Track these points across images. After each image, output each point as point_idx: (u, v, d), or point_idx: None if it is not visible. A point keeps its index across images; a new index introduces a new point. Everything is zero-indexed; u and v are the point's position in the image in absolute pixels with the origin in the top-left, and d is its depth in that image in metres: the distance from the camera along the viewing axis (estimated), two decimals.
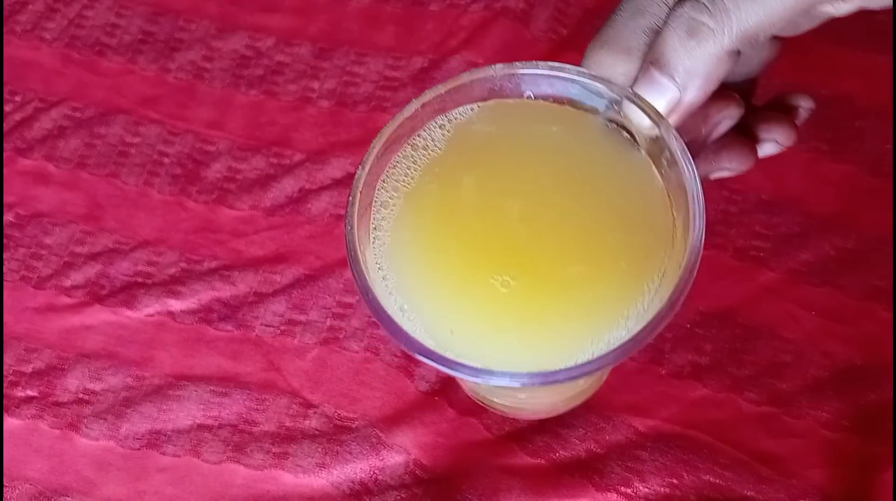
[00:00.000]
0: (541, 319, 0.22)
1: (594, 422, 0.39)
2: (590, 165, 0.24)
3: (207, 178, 0.46)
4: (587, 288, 0.22)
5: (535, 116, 0.24)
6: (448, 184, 0.24)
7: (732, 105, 0.25)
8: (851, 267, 0.41)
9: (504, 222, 0.23)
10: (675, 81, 0.22)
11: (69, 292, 0.43)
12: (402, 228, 0.24)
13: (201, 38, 0.49)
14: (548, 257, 0.22)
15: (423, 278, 0.23)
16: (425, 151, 0.25)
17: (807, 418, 0.38)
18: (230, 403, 0.40)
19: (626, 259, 0.22)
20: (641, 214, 0.23)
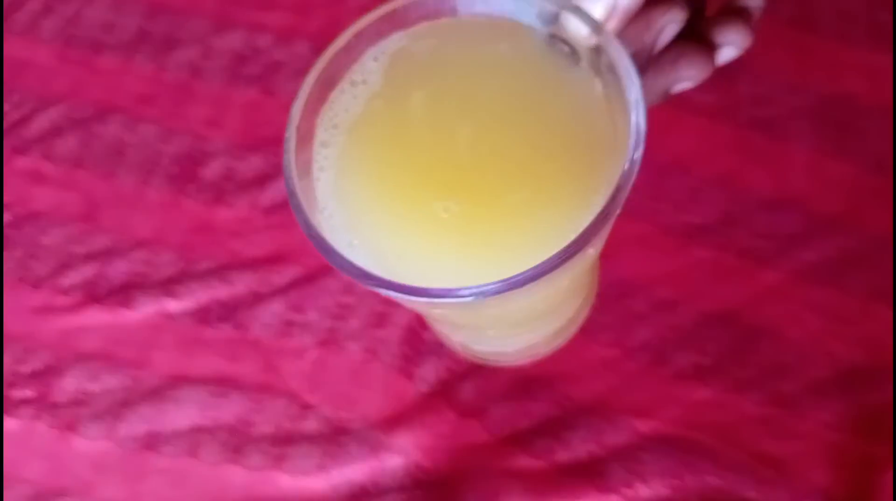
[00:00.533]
0: (483, 243, 0.22)
1: (595, 424, 0.38)
2: (531, 83, 0.23)
3: (205, 177, 0.45)
4: (530, 213, 0.22)
5: (472, 35, 0.24)
6: (388, 114, 0.24)
7: (674, 8, 0.24)
8: (854, 267, 0.40)
9: (446, 148, 0.23)
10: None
11: (66, 293, 0.43)
12: (346, 164, 0.23)
13: (198, 36, 0.49)
14: (490, 183, 0.22)
15: (368, 209, 0.23)
16: (364, 85, 0.24)
17: (810, 419, 0.38)
18: (228, 404, 0.40)
19: (569, 179, 0.22)
20: (585, 130, 0.22)
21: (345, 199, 0.23)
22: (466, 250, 0.22)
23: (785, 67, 0.45)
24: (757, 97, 0.44)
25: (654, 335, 0.40)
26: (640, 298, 0.41)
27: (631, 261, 0.41)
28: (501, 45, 0.24)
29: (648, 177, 0.43)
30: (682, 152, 0.43)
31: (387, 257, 0.22)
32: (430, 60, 0.24)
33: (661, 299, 0.41)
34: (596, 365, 0.40)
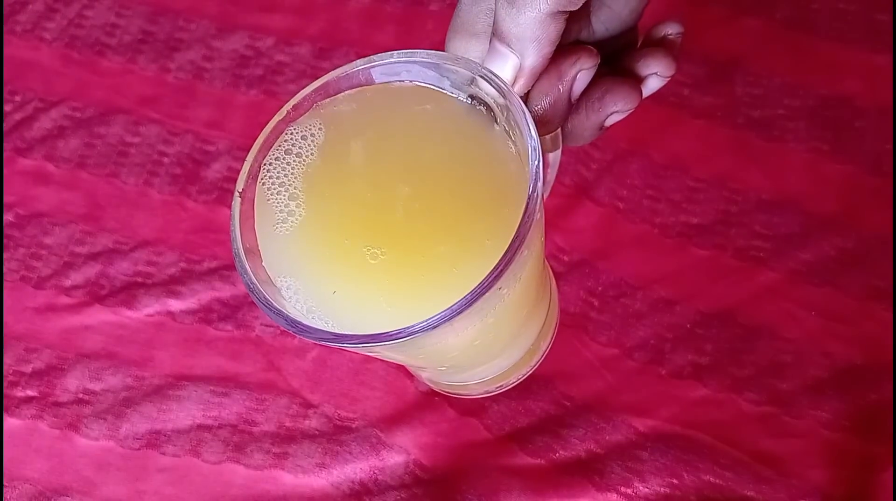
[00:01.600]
0: (409, 289, 0.24)
1: (594, 422, 0.39)
2: (454, 141, 0.25)
3: (207, 178, 0.46)
4: (452, 262, 0.24)
5: (399, 99, 0.26)
6: (325, 170, 0.26)
7: (583, 56, 0.25)
8: (852, 267, 0.40)
9: (377, 201, 0.25)
10: (511, 48, 0.24)
11: (69, 292, 0.43)
12: (285, 219, 0.26)
13: (201, 37, 0.49)
14: (416, 233, 0.24)
15: (304, 256, 0.25)
16: (304, 142, 0.27)
17: (807, 418, 0.38)
18: (230, 403, 0.40)
19: (488, 231, 0.24)
20: (503, 184, 0.24)
21: (284, 250, 0.25)
22: (395, 294, 0.24)
23: (782, 67, 0.45)
24: (755, 98, 0.44)
25: (653, 334, 0.40)
26: (638, 297, 0.41)
27: (629, 261, 0.41)
28: (427, 106, 0.26)
29: (647, 177, 0.43)
30: (680, 153, 0.44)
31: (324, 301, 0.24)
32: (362, 122, 0.26)
33: (660, 298, 0.41)
34: (595, 364, 0.40)
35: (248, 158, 0.26)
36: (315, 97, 0.27)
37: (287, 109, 0.27)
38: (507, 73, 0.25)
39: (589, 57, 0.25)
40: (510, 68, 0.25)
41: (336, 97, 0.27)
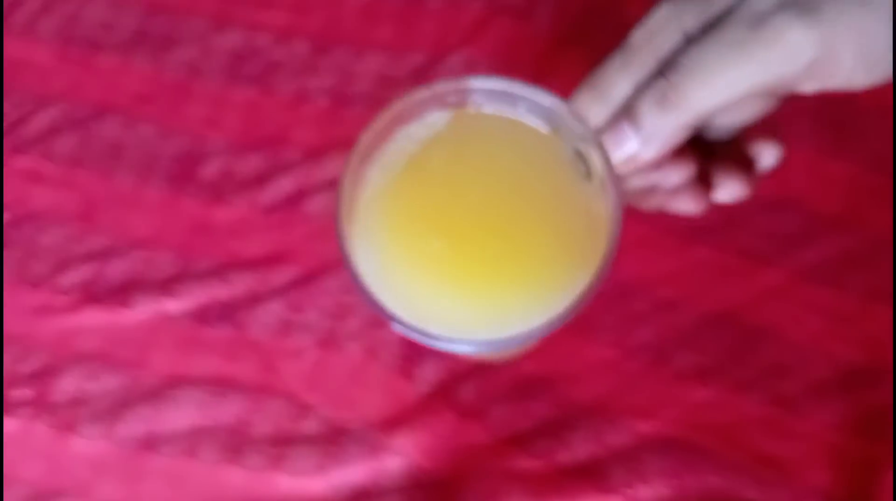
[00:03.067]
0: (488, 298, 0.27)
1: (596, 424, 0.38)
2: (547, 180, 0.28)
3: (203, 177, 0.45)
4: (520, 278, 0.27)
5: (512, 130, 0.29)
6: (420, 185, 0.28)
7: (685, 164, 0.28)
8: (855, 267, 0.40)
9: (462, 211, 0.28)
10: (638, 137, 0.27)
11: (65, 292, 0.43)
12: (377, 223, 0.28)
13: (197, 35, 0.49)
14: (499, 253, 0.27)
15: (390, 254, 0.28)
16: (410, 143, 0.29)
17: (810, 420, 0.38)
18: (227, 404, 0.40)
19: (556, 262, 0.27)
20: (577, 226, 0.27)
21: (378, 250, 0.28)
22: (475, 301, 0.27)
23: None
24: None
25: (655, 335, 0.40)
26: (640, 298, 0.41)
27: (631, 261, 0.41)
28: (535, 144, 0.28)
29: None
30: None
31: (399, 289, 0.27)
32: (470, 142, 0.29)
33: (662, 299, 0.41)
34: (596, 366, 0.40)
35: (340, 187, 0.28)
36: (426, 106, 0.29)
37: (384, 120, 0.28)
38: (622, 152, 0.27)
39: (688, 166, 0.28)
40: (627, 151, 0.27)
41: (436, 114, 0.29)
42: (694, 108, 0.26)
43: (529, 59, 0.46)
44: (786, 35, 0.25)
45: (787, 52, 0.25)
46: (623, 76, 0.27)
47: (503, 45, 0.47)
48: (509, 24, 0.47)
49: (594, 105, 0.28)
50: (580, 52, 0.46)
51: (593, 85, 0.28)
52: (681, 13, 0.27)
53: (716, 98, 0.26)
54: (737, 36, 0.25)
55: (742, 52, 0.25)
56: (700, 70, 0.25)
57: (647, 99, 0.26)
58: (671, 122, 0.26)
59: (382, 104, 0.46)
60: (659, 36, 0.27)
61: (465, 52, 0.47)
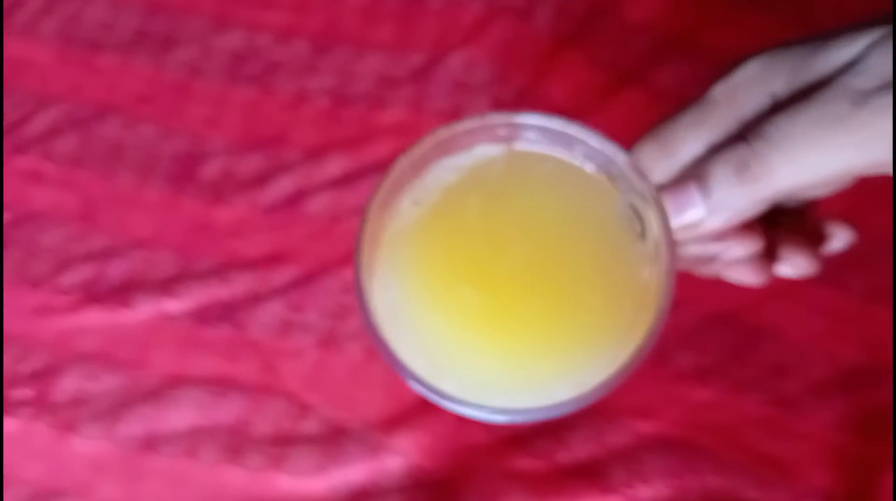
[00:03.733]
0: (519, 361, 0.24)
1: (596, 424, 0.38)
2: (598, 235, 0.25)
3: (204, 177, 0.45)
4: (554, 340, 0.24)
5: (562, 176, 0.26)
6: (455, 224, 0.26)
7: (752, 239, 0.26)
8: (856, 268, 0.40)
9: (500, 260, 0.25)
10: (706, 204, 0.24)
11: (65, 292, 0.43)
12: (404, 258, 0.25)
13: (197, 35, 0.49)
14: (536, 312, 0.25)
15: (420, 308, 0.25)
16: (450, 175, 0.26)
17: (811, 420, 0.38)
18: (227, 404, 0.40)
19: (598, 329, 0.25)
20: (624, 289, 0.25)
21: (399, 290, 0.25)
22: (490, 352, 0.24)
23: None
24: None
25: None
26: None
27: None
28: (588, 194, 0.26)
29: None
30: None
31: (425, 343, 0.24)
32: (516, 182, 0.26)
33: None
34: None
35: (364, 222, 0.25)
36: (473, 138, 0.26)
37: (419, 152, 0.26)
38: (684, 218, 0.24)
39: (755, 242, 0.26)
40: (690, 217, 0.24)
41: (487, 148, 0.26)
42: (776, 183, 0.23)
43: (530, 59, 0.46)
44: (888, 119, 0.22)
45: (887, 137, 0.22)
46: (697, 133, 0.25)
47: (503, 46, 0.47)
48: (509, 25, 0.47)
49: (659, 160, 0.25)
50: (580, 52, 0.46)
51: (660, 138, 0.25)
52: (772, 73, 0.24)
53: (802, 176, 0.23)
54: (835, 112, 0.22)
55: (840, 130, 0.22)
56: (790, 143, 0.23)
57: (723, 164, 0.23)
58: (747, 194, 0.23)
59: (382, 104, 0.46)
60: (743, 94, 0.24)
61: (466, 52, 0.47)
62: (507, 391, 0.24)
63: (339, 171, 0.45)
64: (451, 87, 0.46)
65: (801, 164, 0.23)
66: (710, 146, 0.24)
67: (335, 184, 0.45)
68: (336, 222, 0.44)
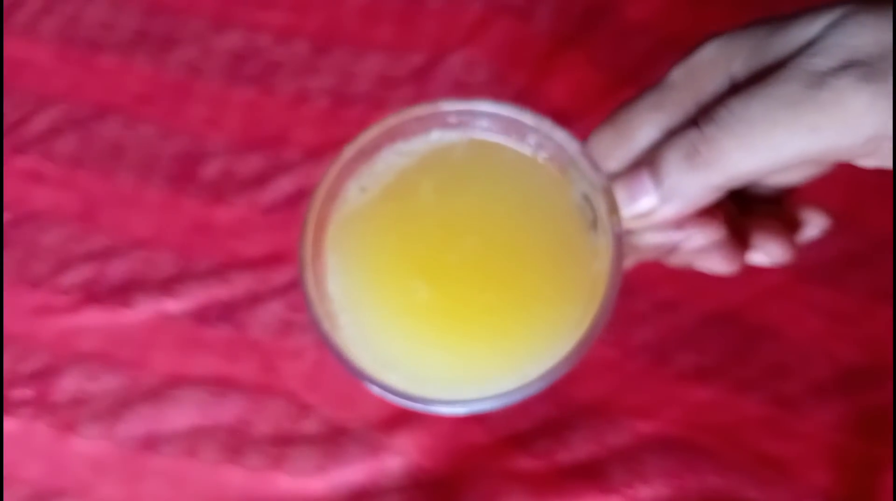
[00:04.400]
0: (458, 337, 0.24)
1: (596, 424, 0.38)
2: (552, 227, 0.25)
3: (204, 177, 0.45)
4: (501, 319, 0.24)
5: (515, 166, 0.25)
6: (405, 214, 0.25)
7: (712, 224, 0.24)
8: (856, 268, 0.40)
9: (456, 265, 0.24)
10: (658, 191, 0.23)
11: (65, 292, 0.43)
12: (355, 245, 0.25)
13: (197, 35, 0.49)
14: (491, 306, 0.24)
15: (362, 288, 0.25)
16: (400, 160, 0.26)
17: (811, 420, 0.38)
18: (227, 404, 0.40)
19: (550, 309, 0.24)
20: (582, 286, 0.24)
21: (346, 280, 0.25)
22: (446, 347, 0.24)
23: None
24: None
25: (655, 335, 0.40)
26: (641, 298, 0.41)
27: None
28: (541, 183, 0.25)
29: None
30: None
31: (372, 335, 0.24)
32: (468, 169, 0.25)
33: (662, 299, 0.40)
34: (597, 366, 0.40)
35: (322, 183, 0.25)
36: (424, 124, 0.26)
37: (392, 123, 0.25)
38: (636, 207, 0.23)
39: (716, 229, 0.25)
40: (642, 206, 0.23)
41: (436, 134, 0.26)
42: (727, 170, 0.22)
43: (529, 59, 0.46)
44: (847, 101, 0.21)
45: (846, 120, 0.21)
46: (653, 117, 0.24)
47: (503, 46, 0.47)
48: (509, 25, 0.47)
49: (614, 147, 0.24)
50: (580, 52, 0.46)
51: (617, 123, 0.24)
52: (730, 55, 0.23)
53: (755, 162, 0.22)
54: (790, 94, 0.21)
55: (793, 113, 0.21)
56: (741, 126, 0.22)
57: (674, 150, 0.22)
58: (698, 181, 0.22)
59: (383, 104, 0.46)
60: (702, 77, 0.23)
61: (466, 52, 0.47)
62: (454, 384, 0.23)
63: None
64: (452, 87, 0.46)
65: (753, 148, 0.22)
66: (668, 131, 0.23)
67: None
68: None
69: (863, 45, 0.21)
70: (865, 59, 0.21)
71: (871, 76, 0.21)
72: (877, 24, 0.21)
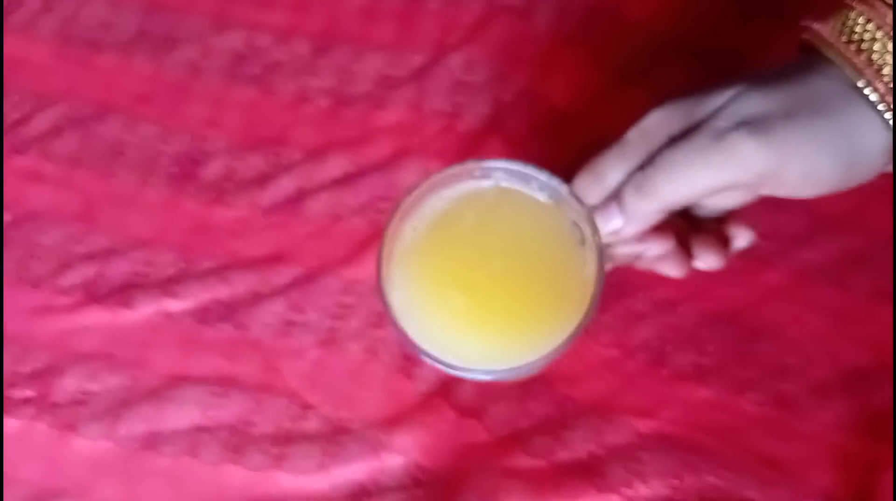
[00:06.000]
0: (500, 341, 0.34)
1: (595, 423, 0.38)
2: (546, 243, 0.34)
3: (204, 177, 0.45)
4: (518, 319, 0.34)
5: (523, 204, 0.35)
6: (446, 245, 0.35)
7: (663, 239, 0.33)
8: (857, 267, 0.40)
9: (474, 269, 0.34)
10: (622, 216, 0.32)
11: (65, 293, 0.43)
12: (411, 268, 0.34)
13: (197, 35, 0.49)
14: (510, 306, 0.34)
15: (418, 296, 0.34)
16: (441, 204, 0.35)
17: (811, 420, 0.38)
18: (228, 404, 0.40)
19: (547, 310, 0.34)
20: (569, 283, 0.34)
21: (407, 292, 0.34)
22: (480, 337, 0.33)
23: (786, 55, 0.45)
24: None
25: (655, 334, 0.40)
26: (640, 298, 0.41)
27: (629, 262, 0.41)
28: (543, 215, 0.35)
29: None
30: None
31: (425, 330, 0.33)
32: (486, 214, 0.35)
33: (662, 298, 0.41)
34: (596, 365, 0.40)
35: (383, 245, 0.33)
36: (457, 177, 0.35)
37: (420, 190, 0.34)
38: (609, 226, 0.33)
39: (668, 240, 0.34)
40: (613, 226, 0.32)
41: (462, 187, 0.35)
42: (662, 198, 0.31)
43: (530, 58, 0.46)
44: (739, 149, 0.29)
45: (738, 162, 0.30)
46: (617, 165, 0.32)
47: (504, 45, 0.47)
48: (510, 24, 0.47)
49: (592, 187, 0.33)
50: (580, 52, 0.46)
51: (592, 170, 0.33)
52: (670, 119, 0.32)
53: (680, 192, 0.31)
54: (701, 145, 0.30)
55: (703, 158, 0.30)
56: (669, 168, 0.31)
57: (629, 186, 0.32)
58: (646, 206, 0.31)
59: (382, 104, 0.46)
60: (649, 136, 0.32)
61: (466, 52, 0.47)
62: (484, 360, 0.33)
63: (340, 171, 0.45)
64: (452, 86, 0.46)
65: (677, 183, 0.31)
66: (629, 174, 0.32)
67: (335, 184, 0.45)
68: (336, 222, 0.44)
69: (751, 111, 0.30)
70: (752, 120, 0.30)
71: (756, 131, 0.29)
72: (762, 97, 0.30)
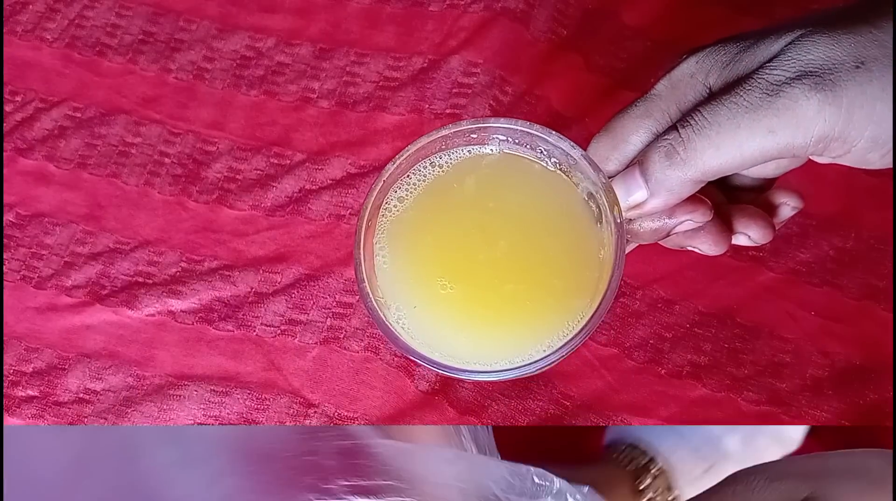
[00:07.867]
0: (483, 322, 0.28)
1: (593, 422, 0.39)
2: (561, 223, 0.29)
3: (208, 178, 0.46)
4: (523, 301, 0.28)
5: (527, 172, 0.30)
6: (428, 213, 0.29)
7: (699, 211, 0.27)
8: (851, 267, 0.41)
9: (471, 249, 0.29)
10: (647, 185, 0.27)
11: (70, 292, 0.43)
12: (395, 247, 0.29)
13: (202, 38, 0.49)
14: (512, 296, 0.28)
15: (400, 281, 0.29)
16: (432, 171, 0.30)
17: (806, 418, 0.38)
18: (231, 402, 0.40)
19: (556, 296, 0.28)
20: (581, 263, 0.28)
21: (391, 280, 0.29)
22: (468, 325, 0.28)
23: None
24: None
25: (652, 334, 0.40)
26: (637, 297, 0.41)
27: (628, 261, 0.41)
28: (551, 186, 0.29)
29: None
30: None
31: (415, 322, 0.28)
32: (484, 184, 0.29)
33: (659, 298, 0.41)
34: (594, 364, 0.40)
35: (370, 195, 0.28)
36: (452, 141, 0.30)
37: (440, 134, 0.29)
38: (631, 200, 0.27)
39: (703, 213, 0.27)
40: (636, 199, 0.27)
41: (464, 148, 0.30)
42: (700, 166, 0.26)
43: (528, 62, 0.46)
44: (799, 106, 0.24)
45: (797, 123, 0.24)
46: (642, 124, 0.27)
47: (502, 49, 0.47)
48: (509, 28, 0.47)
49: (610, 152, 0.28)
50: (578, 56, 0.47)
51: (612, 131, 0.28)
52: (707, 68, 0.27)
53: (722, 159, 0.25)
54: (751, 101, 0.25)
55: (753, 117, 0.25)
56: (712, 129, 0.25)
57: (657, 150, 0.26)
58: (678, 176, 0.26)
59: (384, 106, 0.47)
60: (682, 88, 0.27)
61: (465, 55, 0.47)
62: (480, 359, 0.28)
63: (342, 172, 0.45)
64: (452, 89, 0.46)
65: (721, 148, 0.25)
66: (656, 135, 0.27)
67: (337, 185, 0.45)
68: (338, 222, 0.44)
69: (815, 60, 0.24)
70: (816, 71, 0.24)
71: (821, 85, 0.24)
72: (828, 43, 0.25)
